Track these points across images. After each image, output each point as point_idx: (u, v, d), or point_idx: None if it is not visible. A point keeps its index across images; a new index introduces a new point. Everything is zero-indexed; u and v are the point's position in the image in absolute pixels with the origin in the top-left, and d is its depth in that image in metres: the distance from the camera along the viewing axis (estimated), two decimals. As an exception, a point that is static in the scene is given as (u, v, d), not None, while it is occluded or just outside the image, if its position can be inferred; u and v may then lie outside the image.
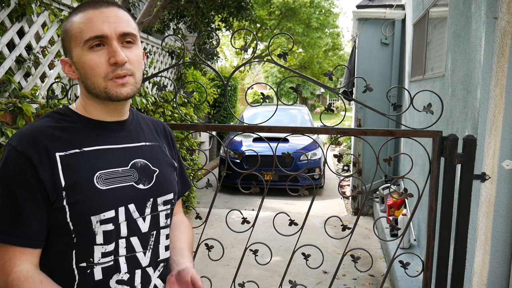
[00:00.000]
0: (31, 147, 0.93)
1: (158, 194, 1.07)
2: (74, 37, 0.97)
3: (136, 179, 1.03)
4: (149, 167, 1.07)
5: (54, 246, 0.97)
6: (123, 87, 0.98)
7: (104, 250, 0.97)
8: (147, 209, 1.05)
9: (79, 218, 0.95)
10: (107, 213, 0.97)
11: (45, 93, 2.94)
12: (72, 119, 1.02)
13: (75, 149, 0.97)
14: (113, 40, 0.96)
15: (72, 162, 0.96)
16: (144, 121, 1.17)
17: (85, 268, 0.97)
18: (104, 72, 0.96)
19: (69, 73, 1.02)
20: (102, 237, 0.97)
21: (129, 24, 1.00)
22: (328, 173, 8.38)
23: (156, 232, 1.07)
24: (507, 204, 2.14)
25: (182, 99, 5.47)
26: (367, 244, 4.69)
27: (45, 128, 0.98)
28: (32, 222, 0.93)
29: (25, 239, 0.93)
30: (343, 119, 1.85)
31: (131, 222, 1.01)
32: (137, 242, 1.03)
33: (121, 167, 1.02)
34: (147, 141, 1.11)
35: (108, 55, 0.96)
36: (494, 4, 2.05)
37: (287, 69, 1.77)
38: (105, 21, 0.96)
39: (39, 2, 2.82)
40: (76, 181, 0.95)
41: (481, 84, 2.13)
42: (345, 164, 8.80)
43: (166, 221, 1.10)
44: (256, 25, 16.22)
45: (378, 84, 5.58)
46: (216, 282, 3.55)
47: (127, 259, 1.01)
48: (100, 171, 0.98)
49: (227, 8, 5.37)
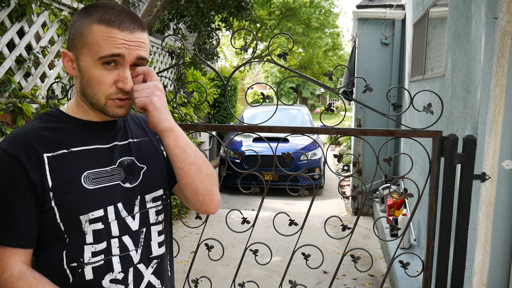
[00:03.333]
0: (20, 149, 0.94)
1: (146, 191, 1.07)
2: (90, 46, 0.95)
3: (123, 178, 1.04)
4: (136, 164, 1.07)
5: (47, 246, 0.99)
6: (121, 109, 1.00)
7: (94, 250, 0.98)
8: (135, 207, 1.05)
9: (69, 219, 0.96)
10: (95, 212, 0.98)
11: (45, 93, 2.94)
12: (61, 119, 1.03)
13: (62, 150, 0.98)
14: (127, 64, 0.97)
15: (59, 163, 0.97)
16: (131, 118, 1.16)
17: (76, 268, 0.98)
18: (108, 92, 0.97)
19: (68, 67, 1.01)
20: (92, 237, 0.98)
21: (146, 48, 1.00)
22: (328, 173, 8.38)
23: (146, 229, 1.07)
24: (507, 204, 2.14)
25: (182, 99, 5.48)
26: (367, 244, 4.69)
27: (34, 130, 0.99)
28: (23, 223, 0.94)
29: (16, 240, 0.95)
30: (343, 119, 1.85)
31: (120, 221, 1.02)
32: (129, 241, 1.03)
33: (109, 166, 1.03)
34: (134, 137, 1.11)
35: (118, 77, 0.96)
36: (494, 4, 2.05)
37: (287, 69, 1.77)
38: (126, 45, 0.95)
39: (39, 2, 2.82)
40: (63, 182, 0.96)
41: (481, 84, 2.13)
42: (345, 164, 8.80)
43: (156, 218, 1.09)
44: (256, 25, 16.22)
45: (378, 84, 5.58)
46: (216, 282, 3.55)
47: (121, 259, 1.02)
48: (88, 171, 0.99)
49: (227, 8, 5.37)
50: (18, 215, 0.94)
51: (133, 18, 0.98)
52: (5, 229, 0.94)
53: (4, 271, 0.94)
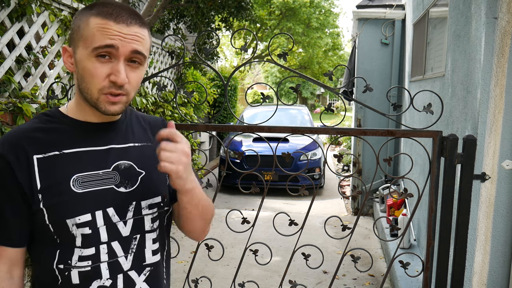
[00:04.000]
0: (10, 150, 0.94)
1: (142, 197, 1.04)
2: (85, 39, 0.94)
3: (117, 182, 1.01)
4: (134, 169, 1.04)
5: (40, 245, 0.99)
6: (113, 105, 0.96)
7: (81, 254, 0.97)
8: (129, 213, 1.02)
9: (57, 222, 0.95)
10: (82, 217, 0.95)
11: (45, 93, 2.94)
12: (58, 120, 1.01)
13: (54, 151, 0.96)
14: (121, 57, 0.94)
15: (49, 165, 0.95)
16: (138, 120, 1.13)
17: (63, 270, 0.97)
18: (101, 85, 0.94)
19: (67, 63, 1.00)
20: (80, 240, 0.96)
21: (144, 44, 0.97)
22: (328, 173, 8.38)
23: (140, 235, 1.04)
24: (507, 204, 2.14)
25: (182, 99, 5.48)
26: (367, 244, 4.69)
27: (29, 130, 0.98)
28: (12, 223, 0.95)
29: (4, 239, 0.96)
30: (343, 119, 1.85)
31: (110, 227, 0.99)
32: (118, 246, 1.01)
33: (103, 169, 1.00)
34: (136, 142, 1.08)
35: (111, 70, 0.94)
36: (494, 4, 2.05)
37: (287, 69, 1.77)
38: (121, 37, 0.93)
39: (39, 2, 2.82)
40: (52, 184, 0.94)
41: (481, 84, 2.13)
42: (345, 164, 8.80)
43: (152, 225, 1.06)
44: (256, 25, 16.22)
45: (378, 84, 5.58)
46: (216, 282, 3.55)
47: (109, 265, 1.00)
48: (78, 173, 0.97)
49: (227, 8, 5.37)
50: (6, 215, 0.94)
51: (133, 13, 0.96)
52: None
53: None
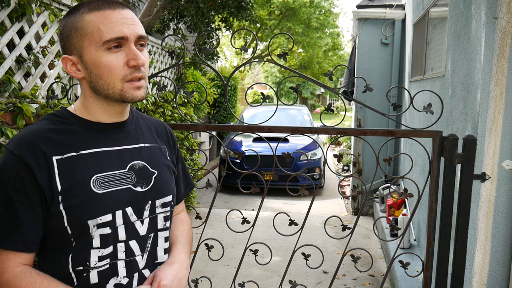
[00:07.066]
0: (28, 152, 0.92)
1: (157, 196, 1.06)
2: (89, 36, 0.94)
3: (134, 182, 1.02)
4: (148, 169, 1.06)
5: (52, 249, 0.97)
6: (138, 90, 0.99)
7: (100, 254, 0.97)
8: (145, 212, 1.03)
9: (77, 223, 0.94)
10: (104, 217, 0.96)
11: (45, 93, 2.94)
12: (70, 121, 1.01)
13: (72, 153, 0.96)
14: (131, 42, 0.96)
15: (68, 166, 0.95)
16: (144, 121, 1.15)
17: (81, 271, 0.97)
18: (122, 74, 0.96)
19: (72, 71, 0.99)
20: (99, 241, 0.96)
21: (142, 27, 1.00)
22: (328, 173, 8.38)
23: (154, 234, 1.06)
24: (507, 204, 2.14)
25: (182, 99, 5.47)
26: (367, 244, 4.69)
27: (42, 131, 0.96)
28: (27, 227, 0.93)
29: (19, 244, 0.93)
30: (343, 119, 1.85)
31: (129, 226, 1.00)
32: (136, 246, 1.02)
33: (119, 169, 1.01)
34: (146, 142, 1.10)
35: (127, 57, 0.96)
36: (494, 4, 2.05)
37: (287, 69, 1.77)
38: (124, 22, 0.95)
39: (39, 2, 2.81)
40: (72, 185, 0.94)
41: (481, 84, 2.13)
42: (345, 164, 8.80)
43: (164, 224, 1.09)
44: (256, 25, 16.20)
45: (378, 84, 5.58)
46: (216, 282, 3.55)
47: (126, 263, 1.00)
48: (97, 174, 0.97)
49: (227, 8, 5.37)
50: (23, 219, 0.92)
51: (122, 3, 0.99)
52: (9, 232, 0.93)
53: (5, 272, 0.93)
